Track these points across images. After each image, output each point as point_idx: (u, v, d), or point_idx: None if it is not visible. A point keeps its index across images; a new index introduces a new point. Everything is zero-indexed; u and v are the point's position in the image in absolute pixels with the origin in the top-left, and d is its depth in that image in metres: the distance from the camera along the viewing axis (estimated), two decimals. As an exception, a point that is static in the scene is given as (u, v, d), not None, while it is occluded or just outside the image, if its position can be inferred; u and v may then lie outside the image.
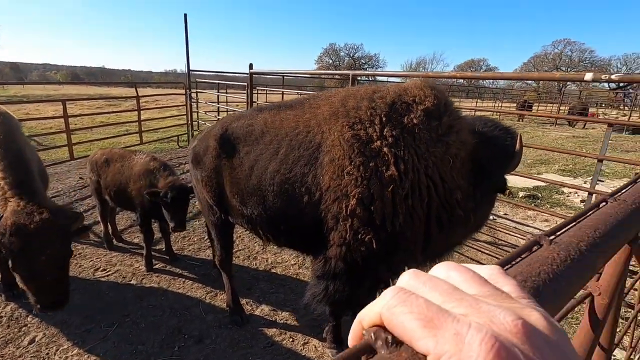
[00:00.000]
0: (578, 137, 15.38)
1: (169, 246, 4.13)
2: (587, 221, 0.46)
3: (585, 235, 0.42)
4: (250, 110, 2.87)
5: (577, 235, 0.42)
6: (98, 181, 3.92)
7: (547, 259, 0.37)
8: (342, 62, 64.88)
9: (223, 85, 11.50)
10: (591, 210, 0.50)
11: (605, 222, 0.45)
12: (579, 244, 0.40)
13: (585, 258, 0.39)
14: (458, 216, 2.16)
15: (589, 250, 0.40)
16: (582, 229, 0.44)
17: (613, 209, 0.49)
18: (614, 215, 0.47)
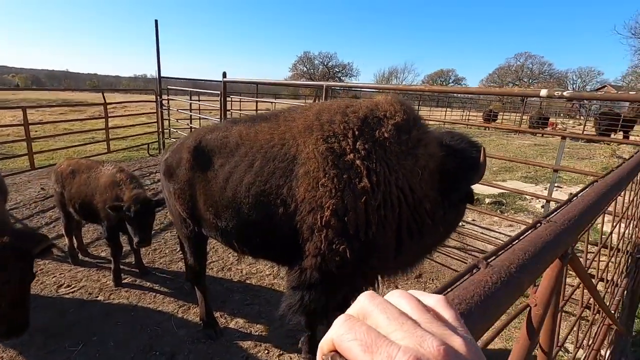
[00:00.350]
0: (539, 145, 16.30)
1: (139, 259, 4.00)
2: (520, 244, 0.52)
3: (516, 258, 0.48)
4: (224, 122, 2.87)
5: (509, 258, 0.48)
6: (62, 193, 3.76)
7: (480, 282, 0.43)
8: (316, 70, 65.53)
9: (195, 92, 11.30)
10: (527, 232, 0.56)
11: (535, 244, 0.52)
12: (510, 266, 0.46)
13: (513, 279, 0.45)
14: (427, 225, 2.25)
15: (517, 272, 0.46)
16: (515, 252, 0.50)
17: (544, 230, 0.56)
18: (544, 237, 0.54)
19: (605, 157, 13.16)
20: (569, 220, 0.61)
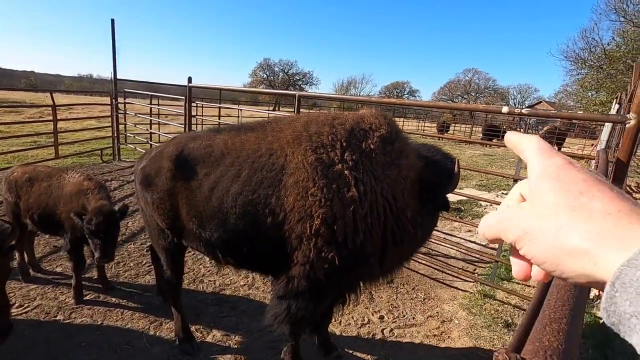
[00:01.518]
0: (488, 155, 17.58)
1: (103, 274, 3.75)
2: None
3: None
4: (206, 131, 2.82)
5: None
6: (17, 202, 3.43)
7: (564, 286, 0.51)
8: (276, 77, 65.52)
9: (155, 96, 10.83)
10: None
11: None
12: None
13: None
14: (409, 232, 2.38)
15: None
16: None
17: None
18: None
19: (544, 166, 14.46)
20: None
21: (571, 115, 3.88)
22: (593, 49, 19.21)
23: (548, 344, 0.38)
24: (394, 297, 4.14)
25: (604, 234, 0.33)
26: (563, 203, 0.36)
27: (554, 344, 0.38)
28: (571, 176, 0.37)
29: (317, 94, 7.31)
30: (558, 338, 0.39)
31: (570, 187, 0.36)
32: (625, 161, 2.66)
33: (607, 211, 0.33)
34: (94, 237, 3.01)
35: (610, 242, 0.32)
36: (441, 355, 3.25)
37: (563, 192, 0.36)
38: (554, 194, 0.37)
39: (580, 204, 0.35)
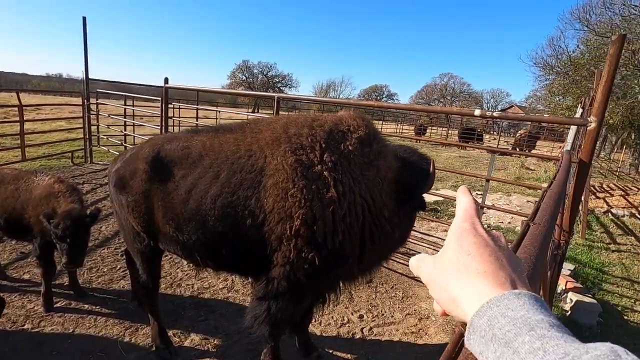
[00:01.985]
0: (463, 157, 18.11)
1: (74, 281, 3.61)
2: (527, 241, 0.67)
3: (533, 251, 0.62)
4: (183, 132, 2.79)
5: (527, 251, 0.62)
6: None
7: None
8: (255, 79, 64.99)
9: (130, 97, 10.52)
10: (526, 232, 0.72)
11: (538, 240, 0.67)
12: (530, 258, 0.60)
13: (537, 267, 0.58)
14: (386, 231, 2.43)
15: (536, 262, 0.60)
16: (527, 247, 0.64)
17: (536, 230, 0.72)
18: (539, 235, 0.70)
19: (516, 168, 15.09)
20: (547, 222, 0.79)
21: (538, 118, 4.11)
22: (560, 56, 20.16)
23: None
24: (373, 297, 4.21)
25: (470, 288, 0.43)
26: (455, 261, 0.46)
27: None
28: (467, 240, 0.47)
29: (297, 96, 7.34)
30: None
31: (463, 249, 0.46)
32: (587, 161, 2.82)
33: (478, 271, 0.43)
34: (62, 241, 2.88)
35: (472, 295, 0.42)
36: (419, 352, 3.33)
37: (458, 252, 0.47)
38: (453, 253, 0.47)
39: (465, 263, 0.45)
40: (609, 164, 21.34)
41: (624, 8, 16.33)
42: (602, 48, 16.53)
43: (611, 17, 16.93)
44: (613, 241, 6.96)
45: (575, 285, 4.35)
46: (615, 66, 2.66)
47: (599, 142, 26.32)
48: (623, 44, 2.66)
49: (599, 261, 5.87)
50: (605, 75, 2.68)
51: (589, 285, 4.85)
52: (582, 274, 5.18)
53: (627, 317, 4.30)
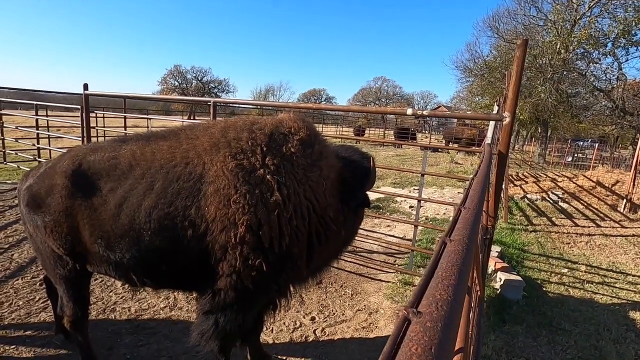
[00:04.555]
0: (400, 155, 19.15)
1: None
2: (459, 224, 0.72)
3: (465, 232, 0.67)
4: (109, 141, 2.54)
5: (460, 234, 0.66)
6: None
7: (456, 251, 0.59)
8: (189, 84, 62.19)
9: (42, 106, 9.38)
10: (457, 216, 0.77)
11: (468, 223, 0.72)
12: (464, 239, 0.64)
13: (470, 244, 0.62)
14: (332, 231, 2.46)
15: (469, 242, 0.64)
16: (460, 230, 0.69)
17: (467, 213, 0.78)
18: (470, 218, 0.75)
19: (447, 163, 16.36)
20: (476, 205, 0.85)
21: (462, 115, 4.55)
22: (476, 60, 22.43)
23: (439, 297, 0.45)
24: (324, 297, 4.24)
25: None
26: None
27: (444, 296, 0.46)
28: None
29: (234, 100, 7.15)
30: (447, 291, 0.47)
31: None
32: (504, 152, 3.15)
33: None
34: None
35: None
36: (371, 345, 3.42)
37: None
38: None
39: None
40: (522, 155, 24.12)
41: (525, 18, 18.65)
42: (510, 53, 18.73)
43: (515, 25, 19.21)
44: (530, 223, 7.86)
45: (503, 265, 4.83)
46: (521, 67, 3.01)
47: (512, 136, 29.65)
48: (527, 47, 3.01)
49: (520, 241, 6.59)
50: (514, 75, 3.02)
51: (513, 264, 5.41)
52: (507, 255, 5.76)
53: (545, 289, 4.87)
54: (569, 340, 3.73)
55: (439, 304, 0.45)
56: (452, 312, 0.44)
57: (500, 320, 3.94)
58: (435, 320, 0.43)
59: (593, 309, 4.44)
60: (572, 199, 9.75)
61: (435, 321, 0.42)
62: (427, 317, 0.43)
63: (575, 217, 8.47)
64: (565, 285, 5.05)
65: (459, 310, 0.48)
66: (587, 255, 6.34)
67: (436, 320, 0.43)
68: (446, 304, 0.45)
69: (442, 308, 0.44)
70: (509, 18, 19.82)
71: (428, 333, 0.40)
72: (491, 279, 4.76)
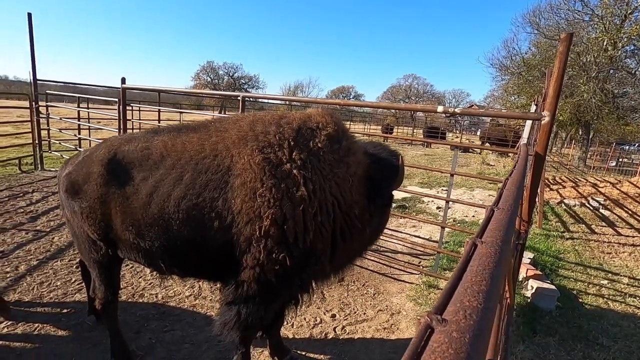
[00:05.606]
0: (428, 155, 18.70)
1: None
2: (492, 225, 0.66)
3: (499, 236, 0.61)
4: (142, 132, 2.62)
5: (492, 235, 0.61)
6: None
7: (488, 255, 0.54)
8: (221, 80, 63.61)
9: (84, 99, 9.90)
10: (490, 217, 0.71)
11: (502, 224, 0.67)
12: (498, 241, 0.59)
13: (504, 248, 0.57)
14: (357, 228, 2.42)
15: (503, 244, 0.59)
16: (493, 231, 0.63)
17: (500, 214, 0.72)
18: (503, 219, 0.70)
19: (478, 164, 15.79)
20: (510, 206, 0.79)
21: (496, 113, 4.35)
22: (514, 57, 21.41)
23: (468, 304, 0.41)
24: (345, 295, 4.20)
25: None
26: None
27: (474, 303, 0.41)
28: None
29: (262, 95, 7.23)
30: (477, 298, 0.42)
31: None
32: (542, 154, 2.97)
33: None
34: None
35: None
36: (392, 347, 3.36)
37: None
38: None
39: None
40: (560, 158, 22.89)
41: (569, 12, 17.57)
42: (551, 50, 17.72)
43: (558, 21, 18.16)
44: (567, 229, 7.43)
45: (535, 272, 4.59)
46: (564, 63, 2.82)
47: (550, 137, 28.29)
48: (571, 42, 2.82)
49: (555, 249, 6.24)
50: (556, 72, 2.83)
51: (547, 272, 5.14)
52: (540, 262, 5.48)
53: (581, 300, 4.59)
54: (607, 357, 3.49)
55: (467, 312, 0.40)
56: (482, 322, 0.40)
57: (530, 330, 3.75)
58: (463, 330, 0.38)
59: (635, 324, 4.14)
60: (614, 206, 9.13)
61: (462, 331, 0.38)
62: (453, 326, 0.38)
63: (618, 226, 7.93)
64: (605, 297, 4.74)
65: (490, 321, 0.43)
66: (631, 267, 5.91)
67: (464, 331, 0.38)
68: (476, 312, 0.40)
69: (471, 317, 0.40)
70: (551, 13, 18.77)
71: (454, 345, 0.36)
72: (522, 286, 4.54)
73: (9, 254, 4.41)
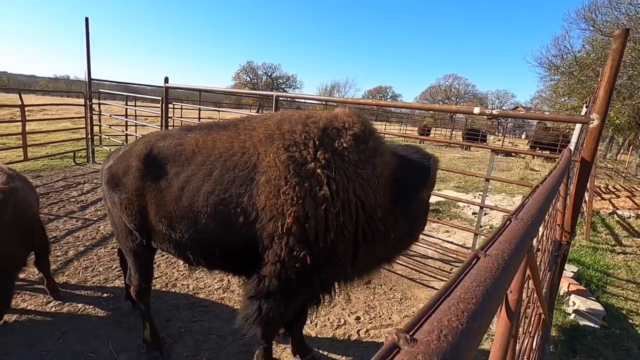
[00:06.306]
0: (467, 158, 17.97)
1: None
2: (503, 237, 0.62)
3: (506, 248, 0.57)
4: (177, 130, 2.75)
5: (500, 248, 0.56)
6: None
7: (487, 269, 0.50)
8: (259, 80, 65.13)
9: (132, 97, 10.55)
10: (503, 227, 0.66)
11: (515, 236, 0.62)
12: (504, 255, 0.54)
13: (509, 264, 0.53)
14: (380, 231, 2.36)
15: (510, 259, 0.54)
16: (502, 244, 0.59)
17: (517, 225, 0.67)
18: (519, 231, 0.64)
19: (520, 169, 14.94)
20: (531, 217, 0.73)
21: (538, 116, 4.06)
22: (565, 56, 19.97)
23: (447, 324, 0.37)
24: (371, 298, 4.14)
25: None
26: None
27: (454, 323, 0.37)
28: None
29: (295, 95, 7.31)
30: (460, 318, 0.38)
31: None
32: (589, 160, 2.75)
33: None
34: None
35: None
36: None
37: None
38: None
39: None
40: (615, 165, 21.09)
41: (630, 7, 16.11)
42: (608, 48, 16.33)
43: (617, 16, 16.72)
44: (618, 243, 6.83)
45: (579, 287, 4.26)
46: (618, 61, 2.59)
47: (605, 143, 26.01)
48: (626, 39, 2.58)
49: (604, 263, 5.76)
50: (608, 71, 2.61)
51: (592, 288, 4.75)
52: (585, 276, 5.07)
53: (631, 321, 4.19)
54: (659, 385, 3.17)
55: (442, 333, 0.36)
56: (458, 345, 0.35)
57: (570, 350, 3.48)
58: (431, 353, 0.33)
59: (695, 352, 3.71)
60: (677, 220, 8.25)
61: (429, 355, 0.33)
62: (421, 347, 0.34)
63: (680, 242, 7.16)
64: (660, 320, 4.30)
65: (471, 345, 0.38)
66: (693, 289, 5.32)
67: (432, 354, 0.33)
68: (453, 333, 0.36)
69: (446, 338, 0.35)
70: (609, 8, 17.29)
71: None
72: (562, 301, 4.24)
73: (61, 239, 4.80)
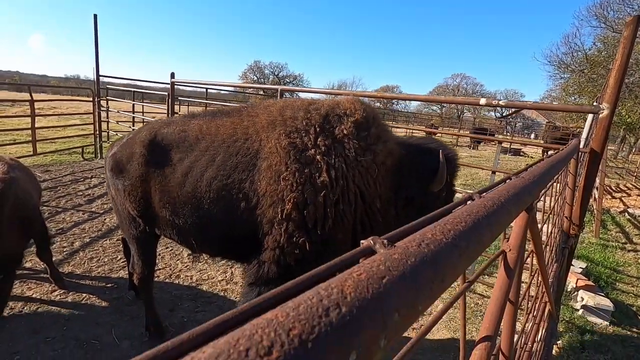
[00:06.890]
0: (474, 157, 17.80)
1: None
2: (502, 187, 0.59)
3: (504, 194, 0.54)
4: (181, 116, 2.75)
5: (498, 193, 0.54)
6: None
7: (481, 205, 0.47)
8: (266, 79, 65.28)
9: (139, 93, 10.64)
10: (503, 182, 0.64)
11: (514, 187, 0.59)
12: (500, 198, 0.52)
13: (504, 207, 0.50)
14: (377, 222, 2.33)
15: (506, 203, 0.52)
16: (501, 191, 0.56)
17: (517, 181, 0.64)
18: (518, 185, 0.62)
19: (528, 168, 14.74)
20: (534, 177, 0.70)
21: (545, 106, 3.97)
22: (575, 53, 19.72)
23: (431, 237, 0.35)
24: (375, 292, 4.11)
25: None
26: None
27: (438, 237, 0.35)
28: None
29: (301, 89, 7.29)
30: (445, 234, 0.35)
31: None
32: (599, 151, 2.69)
33: None
34: None
35: None
36: (419, 348, 3.22)
37: None
38: None
39: None
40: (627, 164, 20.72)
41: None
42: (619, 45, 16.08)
43: (630, 13, 16.45)
44: (629, 241, 6.70)
45: (587, 283, 4.18)
46: (629, 49, 2.53)
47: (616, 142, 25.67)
48: (638, 26, 2.52)
49: (613, 260, 5.65)
50: (619, 59, 2.55)
51: (601, 284, 4.66)
52: (594, 273, 4.98)
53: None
54: (670, 383, 3.09)
55: (424, 242, 0.33)
56: (440, 253, 0.32)
57: (578, 345, 3.42)
58: (409, 254, 0.30)
59: None
60: (690, 220, 8.07)
61: (407, 255, 0.30)
62: (399, 249, 0.31)
63: (694, 241, 6.99)
64: (671, 318, 4.20)
65: (454, 260, 0.35)
66: None
67: (410, 255, 0.30)
68: (435, 243, 0.33)
69: (427, 247, 0.32)
70: (621, 4, 17.02)
71: (388, 263, 0.28)
72: (570, 297, 4.16)
73: (67, 231, 4.85)
